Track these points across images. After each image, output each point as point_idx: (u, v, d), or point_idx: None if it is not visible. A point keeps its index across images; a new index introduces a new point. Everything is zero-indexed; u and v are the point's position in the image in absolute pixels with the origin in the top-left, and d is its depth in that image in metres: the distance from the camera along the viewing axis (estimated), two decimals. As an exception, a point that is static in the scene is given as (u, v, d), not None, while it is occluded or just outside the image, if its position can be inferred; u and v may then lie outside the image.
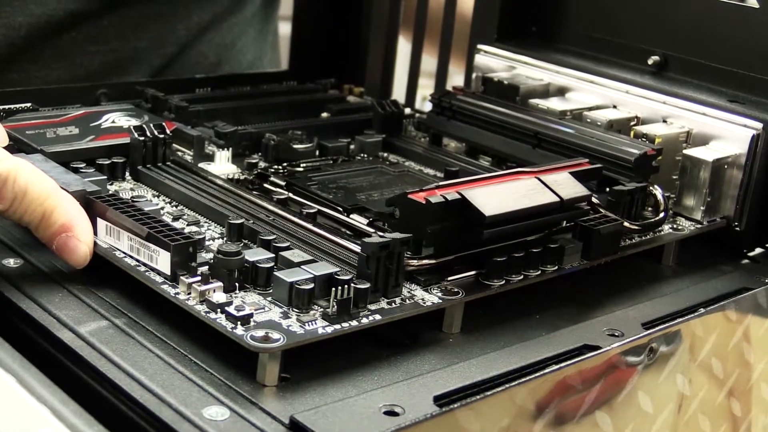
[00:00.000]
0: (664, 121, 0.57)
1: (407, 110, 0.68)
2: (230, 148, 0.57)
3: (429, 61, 0.74)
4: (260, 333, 0.38)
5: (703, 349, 0.46)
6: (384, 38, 0.75)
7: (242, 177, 0.54)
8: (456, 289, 0.43)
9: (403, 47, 0.76)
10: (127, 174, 0.53)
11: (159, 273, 0.42)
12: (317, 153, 0.58)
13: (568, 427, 0.40)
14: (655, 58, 0.61)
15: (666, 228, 0.53)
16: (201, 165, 0.55)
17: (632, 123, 0.58)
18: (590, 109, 0.59)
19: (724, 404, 0.48)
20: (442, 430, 0.35)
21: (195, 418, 0.35)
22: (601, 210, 0.49)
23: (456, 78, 0.74)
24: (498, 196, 0.44)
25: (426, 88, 0.77)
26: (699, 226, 0.54)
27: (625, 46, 0.63)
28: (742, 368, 0.49)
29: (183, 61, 0.77)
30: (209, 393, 0.37)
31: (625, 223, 0.49)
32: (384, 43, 0.75)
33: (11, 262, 0.46)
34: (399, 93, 0.76)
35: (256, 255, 0.42)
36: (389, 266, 0.41)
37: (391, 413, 0.36)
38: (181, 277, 0.41)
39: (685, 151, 0.54)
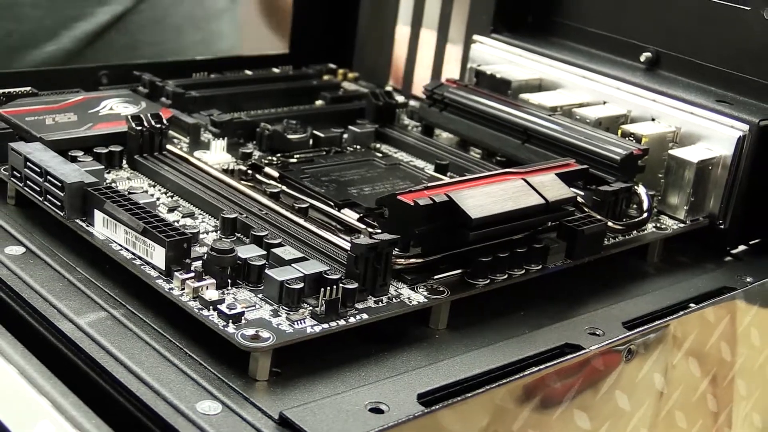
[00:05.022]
0: (653, 120, 0.58)
1: (401, 98, 0.69)
2: (225, 138, 0.58)
3: (431, 50, 0.75)
4: (251, 331, 0.39)
5: (681, 347, 0.47)
6: (382, 24, 0.76)
7: (237, 167, 0.55)
8: (442, 288, 0.44)
9: (403, 34, 0.76)
10: (124, 162, 0.54)
11: (154, 267, 0.43)
12: (311, 143, 0.60)
13: (547, 424, 0.41)
14: (648, 54, 0.62)
15: (650, 227, 0.54)
16: (197, 153, 0.56)
17: (621, 121, 0.59)
18: (580, 105, 0.60)
19: (701, 401, 0.50)
20: (425, 429, 0.37)
21: (189, 412, 0.37)
22: (585, 210, 0.50)
23: (456, 66, 0.75)
24: (484, 198, 0.45)
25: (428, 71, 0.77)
26: (682, 225, 0.55)
27: (619, 41, 0.64)
28: (719, 366, 0.50)
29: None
30: (203, 387, 0.39)
31: (609, 223, 0.51)
32: (381, 29, 0.76)
33: (14, 250, 0.48)
34: (397, 79, 0.77)
35: (248, 252, 0.43)
36: (377, 266, 0.42)
37: (376, 410, 0.37)
38: (176, 273, 0.42)
39: (670, 152, 0.56)
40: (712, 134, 0.56)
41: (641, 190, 0.54)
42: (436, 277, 0.45)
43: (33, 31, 0.79)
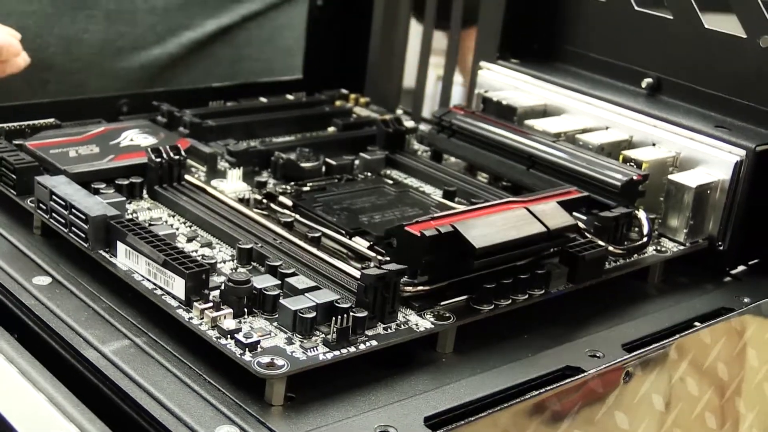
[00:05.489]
0: (654, 145, 0.60)
1: (411, 123, 0.71)
2: (241, 167, 0.60)
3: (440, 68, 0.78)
4: (266, 359, 0.41)
5: (679, 368, 0.49)
6: (392, 50, 0.79)
7: (252, 196, 0.58)
8: (448, 314, 0.47)
9: (413, 59, 0.79)
10: (145, 193, 0.57)
11: (174, 297, 0.46)
12: (323, 170, 0.62)
13: (549, 444, 0.43)
14: (649, 80, 0.64)
15: (650, 249, 0.56)
16: (214, 182, 0.59)
17: (623, 146, 0.61)
18: (584, 131, 0.62)
19: (699, 419, 0.51)
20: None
21: (208, 437, 0.39)
22: (587, 235, 0.52)
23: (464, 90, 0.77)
24: (488, 227, 0.47)
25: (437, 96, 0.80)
26: (682, 247, 0.57)
27: (621, 67, 0.66)
28: (718, 385, 0.52)
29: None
30: (221, 412, 0.41)
31: (610, 248, 0.53)
32: (392, 55, 0.79)
33: (41, 280, 0.50)
34: (406, 103, 0.79)
35: (263, 282, 0.46)
36: (386, 295, 0.45)
37: (384, 434, 0.40)
38: (195, 303, 0.44)
39: (669, 176, 0.58)
40: (711, 159, 0.58)
41: (641, 214, 0.56)
42: (442, 303, 0.47)
43: (143, 34, 0.84)
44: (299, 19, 0.89)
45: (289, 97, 0.74)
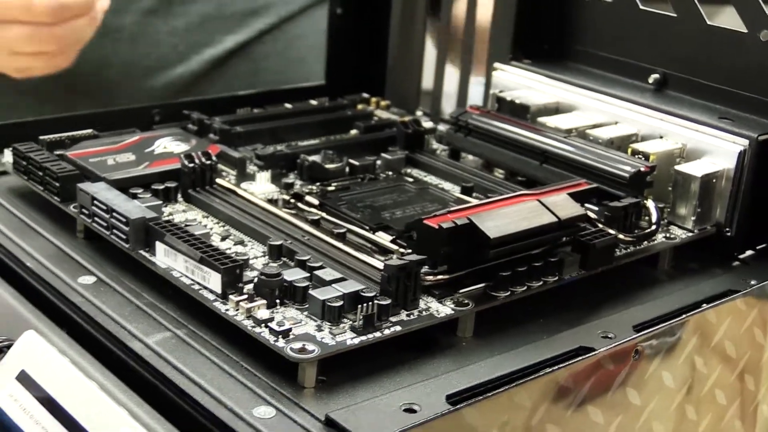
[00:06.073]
0: (661, 137, 0.63)
1: (430, 124, 0.74)
2: (269, 170, 0.64)
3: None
4: (298, 345, 0.45)
5: (687, 347, 0.52)
6: (410, 55, 0.82)
7: (280, 197, 0.61)
8: (467, 301, 0.50)
9: (430, 63, 0.82)
10: (179, 197, 0.60)
11: (211, 291, 0.49)
12: (347, 171, 0.65)
13: (563, 419, 0.46)
14: (656, 76, 0.67)
15: (660, 237, 0.59)
16: (244, 185, 0.62)
17: (632, 139, 0.64)
18: (594, 126, 0.65)
19: (709, 395, 0.54)
20: (452, 426, 0.42)
21: (247, 416, 0.43)
22: (598, 224, 0.55)
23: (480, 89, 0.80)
24: (502, 219, 0.50)
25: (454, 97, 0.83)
26: (690, 234, 0.60)
27: (628, 64, 0.69)
28: (726, 363, 0.55)
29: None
30: (258, 395, 0.44)
31: (620, 236, 0.55)
32: (410, 59, 0.82)
33: (86, 279, 0.54)
34: (425, 104, 0.83)
35: (293, 275, 0.49)
36: (408, 284, 0.48)
37: (409, 410, 0.43)
38: (230, 296, 0.48)
39: (677, 167, 0.60)
40: (716, 149, 0.60)
41: (650, 204, 0.59)
42: (461, 291, 0.50)
43: (167, 54, 0.90)
44: (311, 30, 0.93)
45: (313, 102, 0.78)
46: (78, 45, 0.81)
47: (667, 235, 0.60)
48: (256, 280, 0.49)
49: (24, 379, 0.47)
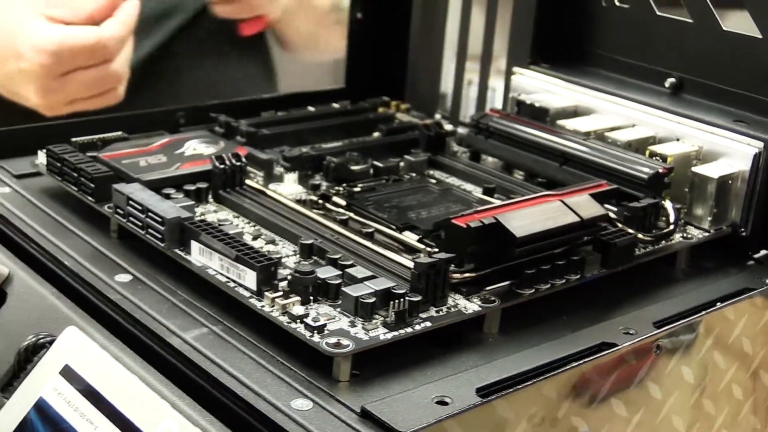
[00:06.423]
0: (678, 140, 0.65)
1: (450, 127, 0.76)
2: (296, 171, 0.65)
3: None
4: (333, 340, 0.46)
5: (706, 342, 0.54)
6: (430, 59, 0.84)
7: (308, 198, 0.63)
8: (493, 298, 0.51)
9: (450, 67, 0.84)
10: (210, 197, 0.62)
11: (246, 288, 0.51)
12: (371, 172, 0.67)
13: (588, 412, 0.48)
14: (672, 80, 0.69)
15: (677, 236, 0.61)
16: (272, 186, 0.64)
17: (649, 142, 0.65)
18: (612, 129, 0.67)
19: (726, 390, 0.56)
20: (483, 417, 0.44)
21: (285, 408, 0.44)
22: (618, 224, 0.57)
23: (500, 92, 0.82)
24: (527, 218, 0.52)
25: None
26: (707, 234, 0.62)
27: (645, 68, 0.70)
28: (743, 359, 0.57)
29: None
30: (295, 388, 0.46)
31: (639, 236, 0.57)
32: (430, 63, 0.84)
33: (123, 277, 0.55)
34: (443, 108, 0.85)
35: (326, 272, 0.51)
36: (437, 281, 0.49)
37: (441, 403, 0.45)
38: (266, 293, 0.50)
39: (693, 168, 0.62)
40: (731, 151, 0.62)
41: (668, 204, 0.60)
42: (487, 288, 0.52)
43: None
44: None
45: (335, 105, 0.80)
46: (127, 73, 0.80)
47: (684, 234, 0.61)
48: (289, 277, 0.50)
49: (68, 373, 0.48)
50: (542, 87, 0.73)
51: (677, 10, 0.68)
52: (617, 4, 0.72)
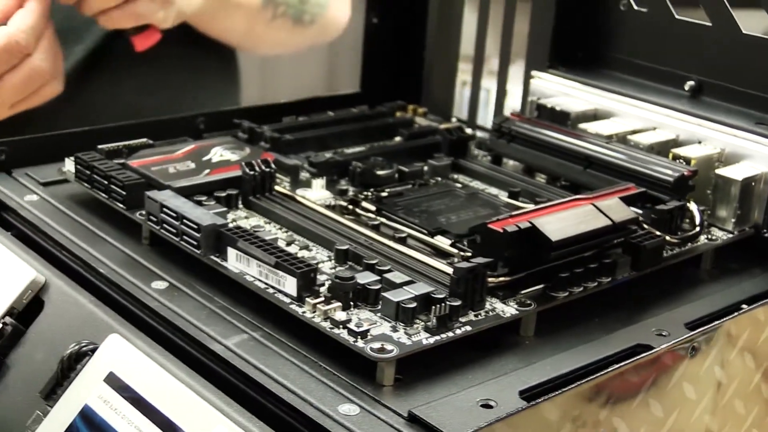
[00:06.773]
0: (699, 142, 0.66)
1: (468, 131, 0.76)
2: (323, 176, 0.66)
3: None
4: (377, 345, 0.47)
5: (736, 344, 0.55)
6: (447, 63, 0.85)
7: (337, 203, 0.63)
8: (528, 301, 0.52)
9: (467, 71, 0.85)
10: (240, 203, 0.63)
11: (286, 294, 0.51)
12: (397, 177, 0.68)
13: (628, 412, 0.49)
14: (691, 83, 0.70)
15: (702, 239, 0.62)
16: (299, 191, 0.65)
17: (671, 145, 0.66)
18: (633, 132, 0.68)
19: (756, 390, 0.57)
20: (530, 420, 0.45)
21: (333, 413, 0.45)
22: (646, 227, 0.58)
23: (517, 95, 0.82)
24: (561, 222, 0.53)
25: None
26: (731, 235, 0.63)
27: (664, 71, 0.71)
28: (770, 358, 0.58)
29: None
30: (340, 393, 0.47)
31: (667, 238, 0.58)
32: (446, 67, 0.85)
33: (159, 284, 0.56)
34: (460, 112, 0.85)
35: (365, 278, 0.51)
36: (475, 285, 0.50)
37: (486, 406, 0.45)
38: (306, 299, 0.50)
39: (717, 171, 0.63)
40: (754, 153, 0.63)
41: (693, 206, 0.61)
42: (523, 291, 0.53)
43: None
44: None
45: (353, 110, 0.80)
46: (60, 60, 0.75)
47: (709, 236, 0.62)
48: (329, 283, 0.51)
49: (112, 380, 0.49)
50: (561, 90, 0.74)
51: (696, 13, 0.69)
52: (635, 7, 0.73)
